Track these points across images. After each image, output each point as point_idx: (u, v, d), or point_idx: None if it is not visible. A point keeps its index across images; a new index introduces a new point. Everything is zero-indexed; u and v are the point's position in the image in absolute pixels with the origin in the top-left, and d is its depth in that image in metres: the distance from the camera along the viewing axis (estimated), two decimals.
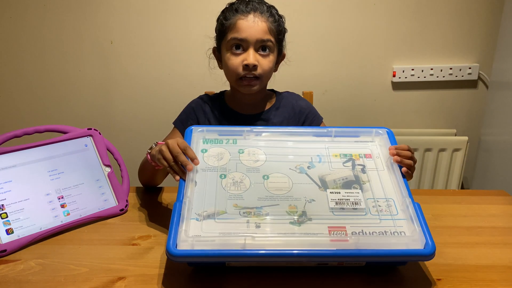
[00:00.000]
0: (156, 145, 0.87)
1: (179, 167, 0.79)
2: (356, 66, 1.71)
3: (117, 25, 1.65)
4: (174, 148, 0.79)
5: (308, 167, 0.82)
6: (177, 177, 0.79)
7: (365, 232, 0.70)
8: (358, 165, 0.83)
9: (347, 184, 0.79)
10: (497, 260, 0.78)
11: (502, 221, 0.92)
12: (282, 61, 1.10)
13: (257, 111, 1.11)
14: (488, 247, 0.82)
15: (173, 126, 1.13)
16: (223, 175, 0.80)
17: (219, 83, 1.14)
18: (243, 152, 0.85)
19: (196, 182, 0.78)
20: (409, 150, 0.84)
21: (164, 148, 0.80)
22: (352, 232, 0.70)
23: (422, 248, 0.67)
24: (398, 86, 1.74)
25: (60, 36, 1.66)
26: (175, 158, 0.79)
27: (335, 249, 0.67)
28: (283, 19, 1.05)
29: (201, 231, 0.70)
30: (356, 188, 0.78)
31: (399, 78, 1.71)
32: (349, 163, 0.84)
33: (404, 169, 0.81)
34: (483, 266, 0.75)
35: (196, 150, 0.84)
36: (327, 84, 1.73)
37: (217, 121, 1.10)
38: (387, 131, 0.88)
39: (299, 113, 1.12)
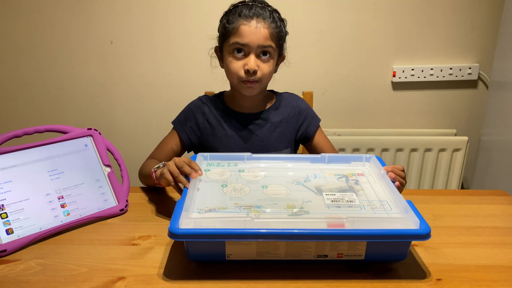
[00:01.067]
0: (164, 166, 0.90)
1: (184, 178, 0.84)
2: (356, 66, 1.71)
3: (117, 25, 1.65)
4: (180, 162, 0.85)
5: (304, 181, 0.88)
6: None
7: (361, 219, 0.73)
8: (352, 180, 0.88)
9: (342, 191, 0.83)
10: (497, 260, 0.78)
11: (502, 221, 0.92)
12: (282, 62, 1.11)
13: (256, 111, 1.12)
14: (488, 247, 0.82)
15: (172, 125, 1.13)
16: (224, 185, 0.85)
17: (220, 81, 1.15)
18: (243, 171, 0.91)
19: (198, 189, 0.82)
20: (403, 171, 0.90)
21: (171, 163, 0.86)
22: (348, 219, 0.72)
23: (418, 228, 0.69)
24: (398, 86, 1.74)
25: (60, 36, 1.66)
26: (180, 169, 0.84)
27: (332, 228, 0.69)
28: (285, 23, 1.06)
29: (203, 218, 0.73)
30: (351, 192, 0.83)
31: (399, 78, 1.71)
32: (343, 179, 0.89)
33: (397, 183, 0.85)
34: (483, 266, 0.76)
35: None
36: (327, 84, 1.73)
37: (217, 120, 1.10)
38: (376, 157, 0.95)
39: (298, 114, 1.14)
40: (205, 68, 1.14)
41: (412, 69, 1.70)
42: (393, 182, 0.84)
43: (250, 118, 1.11)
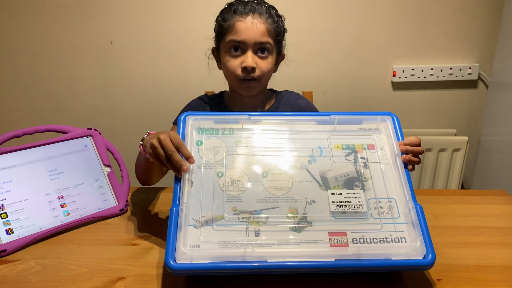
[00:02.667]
0: (147, 135, 0.81)
1: (173, 165, 0.74)
2: (356, 66, 1.71)
3: (117, 25, 1.65)
4: (167, 146, 0.73)
5: (309, 161, 0.80)
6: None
7: (366, 239, 0.70)
8: (361, 158, 0.81)
9: (349, 182, 0.78)
10: (497, 260, 0.77)
11: (502, 221, 0.92)
12: (282, 61, 1.10)
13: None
14: (488, 247, 0.82)
15: (172, 125, 1.12)
16: (220, 173, 0.77)
17: (219, 83, 1.14)
18: (240, 144, 0.81)
19: (192, 182, 0.75)
20: (419, 144, 0.82)
21: (156, 144, 0.73)
22: (352, 239, 0.70)
23: (422, 257, 0.68)
24: (398, 86, 1.74)
25: (60, 36, 1.66)
26: (168, 156, 0.73)
27: (334, 260, 0.67)
28: (283, 19, 1.04)
29: (199, 240, 0.69)
30: (358, 187, 0.77)
31: (399, 78, 1.71)
32: (351, 156, 0.81)
33: (409, 166, 0.80)
34: (483, 266, 0.75)
35: (191, 142, 0.79)
36: (327, 84, 1.73)
37: None
38: (392, 118, 0.85)
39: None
40: (205, 68, 1.14)
41: (412, 69, 1.70)
42: (406, 164, 0.79)
43: None
